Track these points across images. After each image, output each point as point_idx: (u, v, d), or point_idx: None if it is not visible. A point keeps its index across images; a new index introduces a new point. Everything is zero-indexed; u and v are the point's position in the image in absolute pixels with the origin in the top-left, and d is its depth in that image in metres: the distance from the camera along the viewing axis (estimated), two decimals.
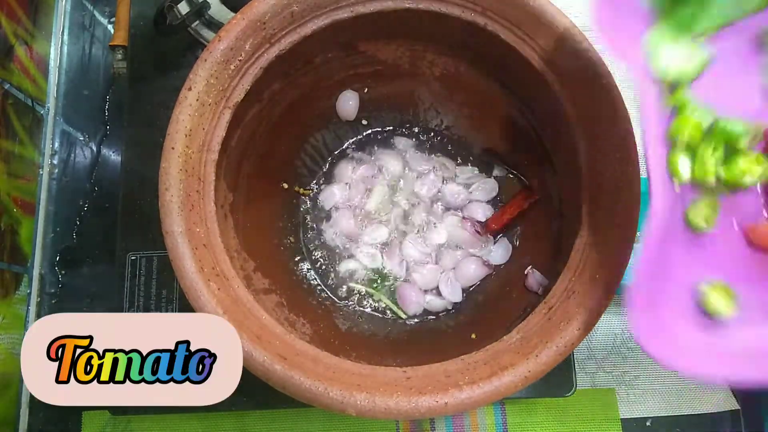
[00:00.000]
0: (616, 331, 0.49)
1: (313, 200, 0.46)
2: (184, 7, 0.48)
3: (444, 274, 0.44)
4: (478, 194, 0.46)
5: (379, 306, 0.44)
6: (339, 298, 0.44)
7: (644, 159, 0.27)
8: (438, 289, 0.44)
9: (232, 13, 0.48)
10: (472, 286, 0.44)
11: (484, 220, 0.45)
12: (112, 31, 0.54)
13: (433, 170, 0.46)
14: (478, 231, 0.44)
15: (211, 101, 0.34)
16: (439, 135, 0.48)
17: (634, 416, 0.48)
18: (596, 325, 0.31)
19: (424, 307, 0.44)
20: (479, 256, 0.44)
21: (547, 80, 0.36)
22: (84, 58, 0.55)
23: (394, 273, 0.44)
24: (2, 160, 0.47)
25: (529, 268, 0.40)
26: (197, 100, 0.33)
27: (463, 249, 0.45)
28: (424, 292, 0.44)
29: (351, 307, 0.44)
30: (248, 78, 0.35)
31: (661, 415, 0.48)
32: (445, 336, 0.42)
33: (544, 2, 0.35)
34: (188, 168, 0.32)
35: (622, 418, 0.48)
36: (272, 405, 0.44)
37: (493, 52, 0.38)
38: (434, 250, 0.45)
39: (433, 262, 0.45)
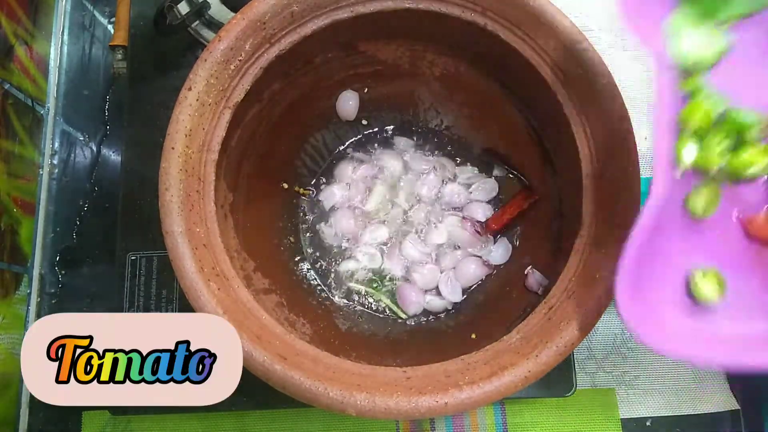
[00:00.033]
0: (616, 331, 0.49)
1: (313, 200, 0.46)
2: (184, 7, 0.48)
3: (444, 274, 0.44)
4: (478, 194, 0.46)
5: (379, 306, 0.44)
6: (339, 298, 0.44)
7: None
8: (438, 289, 0.44)
9: (232, 13, 0.48)
10: (472, 286, 0.44)
11: (484, 220, 0.45)
12: (112, 31, 0.54)
13: (433, 170, 0.46)
14: (478, 231, 0.44)
15: (211, 101, 0.34)
16: (439, 135, 0.48)
17: (634, 416, 0.48)
18: (596, 325, 0.31)
19: (424, 307, 0.44)
20: (479, 256, 0.44)
21: (547, 80, 0.36)
22: (84, 58, 0.55)
23: (394, 273, 0.44)
24: (2, 160, 0.47)
25: (529, 268, 0.40)
26: (197, 100, 0.33)
27: (463, 249, 0.45)
28: (424, 292, 0.44)
29: (351, 307, 0.44)
30: (248, 78, 0.35)
31: (661, 415, 0.48)
32: (445, 336, 0.42)
33: (544, 2, 0.35)
34: (188, 168, 0.32)
35: (622, 418, 0.48)
36: (272, 405, 0.44)
37: (493, 52, 0.38)
38: (434, 250, 0.45)
39: (433, 262, 0.45)
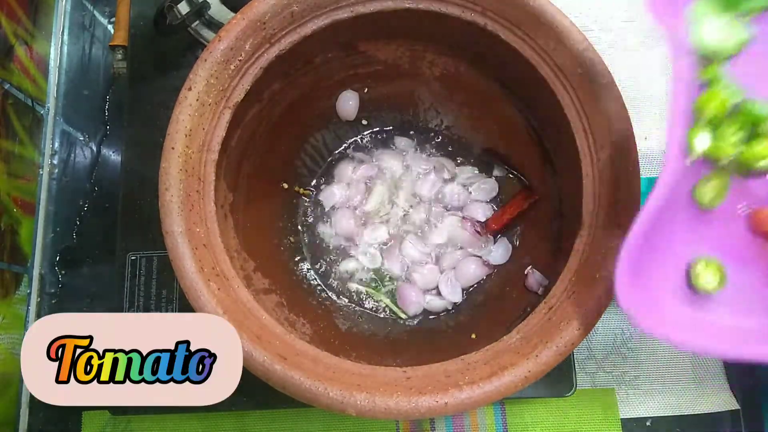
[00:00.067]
0: (616, 331, 0.49)
1: (313, 200, 0.46)
2: (184, 7, 0.48)
3: (444, 274, 0.44)
4: (478, 194, 0.46)
5: (379, 306, 0.44)
6: (339, 298, 0.44)
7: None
8: (438, 289, 0.44)
9: (232, 13, 0.48)
10: (472, 286, 0.44)
11: (484, 220, 0.45)
12: (112, 31, 0.54)
13: (433, 170, 0.46)
14: (478, 231, 0.44)
15: (211, 101, 0.34)
16: (439, 135, 0.48)
17: (634, 416, 0.48)
18: (596, 325, 0.31)
19: (424, 307, 0.44)
20: (479, 256, 0.44)
21: (547, 80, 0.36)
22: (84, 58, 0.55)
23: (394, 273, 0.44)
24: (2, 160, 0.47)
25: (529, 268, 0.40)
26: (197, 100, 0.33)
27: (463, 249, 0.45)
28: (424, 292, 0.44)
29: (351, 307, 0.44)
30: (248, 78, 0.35)
31: (661, 415, 0.48)
32: (445, 336, 0.42)
33: (544, 2, 0.35)
34: (188, 168, 0.32)
35: (622, 418, 0.48)
36: (272, 405, 0.44)
37: (493, 52, 0.38)
38: (434, 250, 0.45)
39: (433, 262, 0.45)
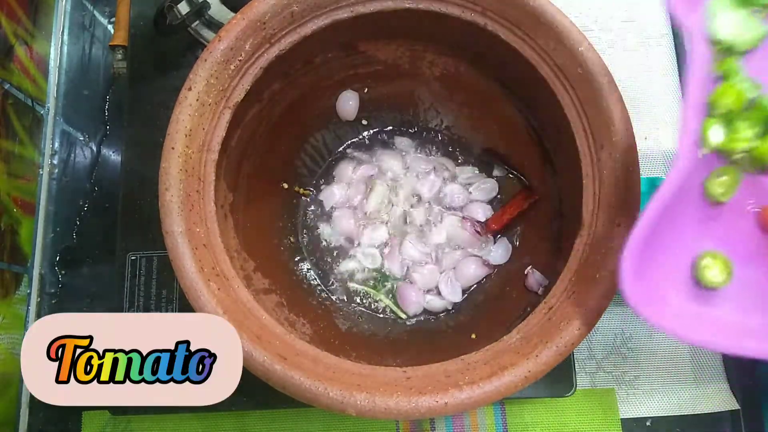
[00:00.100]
0: (616, 331, 0.49)
1: (313, 200, 0.46)
2: (184, 7, 0.48)
3: (444, 274, 0.44)
4: (478, 194, 0.46)
5: (379, 306, 0.44)
6: (339, 298, 0.44)
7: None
8: (438, 289, 0.44)
9: (232, 13, 0.48)
10: (472, 286, 0.44)
11: (484, 220, 0.45)
12: (112, 31, 0.54)
13: (433, 170, 0.46)
14: (478, 231, 0.44)
15: (211, 101, 0.34)
16: (439, 135, 0.48)
17: (634, 416, 0.48)
18: (596, 325, 0.31)
19: (424, 307, 0.44)
20: (479, 256, 0.44)
21: (547, 80, 0.36)
22: (84, 58, 0.55)
23: (394, 273, 0.44)
24: (2, 160, 0.47)
25: (529, 268, 0.40)
26: (197, 100, 0.33)
27: (463, 249, 0.45)
28: (424, 292, 0.44)
29: (351, 307, 0.44)
30: (248, 78, 0.35)
31: (661, 415, 0.48)
32: (445, 336, 0.42)
33: (544, 2, 0.35)
34: (188, 168, 0.32)
35: (622, 418, 0.48)
36: (272, 405, 0.44)
37: (493, 52, 0.38)
38: (434, 250, 0.45)
39: (433, 263, 0.45)
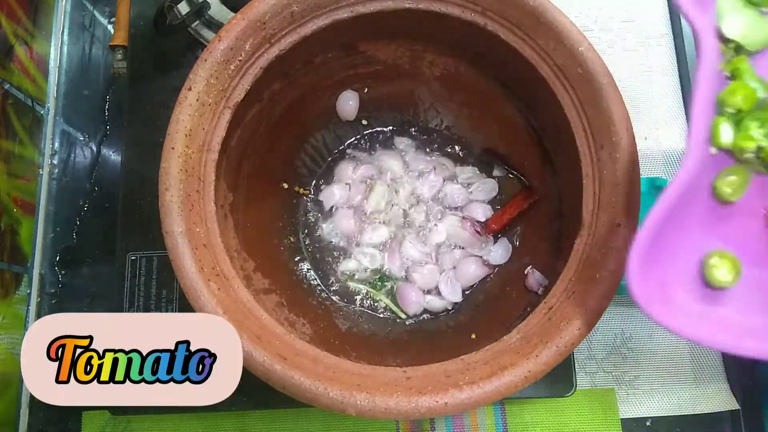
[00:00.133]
0: (616, 331, 0.49)
1: (313, 200, 0.46)
2: (184, 7, 0.48)
3: (444, 274, 0.44)
4: (478, 194, 0.46)
5: (379, 306, 0.44)
6: (339, 298, 0.44)
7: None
8: (438, 289, 0.44)
9: (232, 13, 0.48)
10: (472, 286, 0.44)
11: (484, 220, 0.45)
12: (112, 31, 0.54)
13: (433, 170, 0.46)
14: (478, 231, 0.44)
15: (211, 101, 0.34)
16: (439, 135, 0.48)
17: (634, 416, 0.48)
18: (596, 325, 0.31)
19: (424, 307, 0.44)
20: (479, 256, 0.44)
21: (547, 80, 0.36)
22: (84, 58, 0.55)
23: (394, 273, 0.44)
24: (2, 160, 0.47)
25: (529, 268, 0.40)
26: (197, 100, 0.33)
27: (463, 249, 0.45)
28: (424, 292, 0.44)
29: (351, 307, 0.44)
30: (248, 78, 0.35)
31: (661, 415, 0.48)
32: (445, 336, 0.42)
33: (544, 2, 0.35)
34: (188, 168, 0.32)
35: (622, 418, 0.48)
36: (272, 405, 0.44)
37: (493, 52, 0.38)
38: (434, 250, 0.45)
39: (433, 262, 0.45)
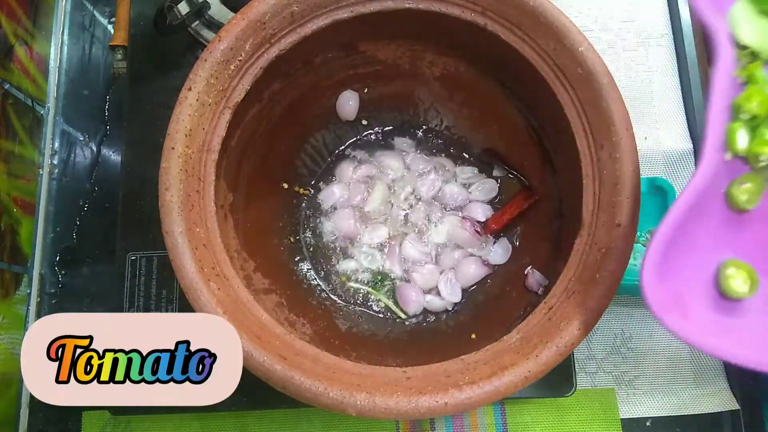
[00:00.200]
0: (616, 331, 0.49)
1: (313, 200, 0.46)
2: (184, 7, 0.48)
3: (444, 274, 0.44)
4: (478, 194, 0.46)
5: (379, 306, 0.44)
6: (339, 298, 0.44)
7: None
8: (438, 289, 0.44)
9: (232, 13, 0.48)
10: (472, 286, 0.44)
11: (484, 220, 0.45)
12: (112, 31, 0.54)
13: (433, 170, 0.46)
14: (478, 231, 0.44)
15: (211, 101, 0.34)
16: (439, 135, 0.48)
17: (634, 416, 0.48)
18: (596, 325, 0.31)
19: (424, 307, 0.44)
20: (479, 256, 0.44)
21: (547, 80, 0.36)
22: (84, 58, 0.55)
23: (393, 273, 0.44)
24: (2, 160, 0.47)
25: (529, 268, 0.40)
26: (197, 100, 0.33)
27: (463, 249, 0.45)
28: (424, 292, 0.44)
29: (351, 307, 0.44)
30: (248, 78, 0.35)
31: (661, 415, 0.48)
32: (445, 336, 0.42)
33: (544, 2, 0.35)
34: (188, 168, 0.32)
35: (622, 418, 0.48)
36: (272, 405, 0.44)
37: (493, 52, 0.38)
38: (434, 250, 0.45)
39: (433, 262, 0.45)
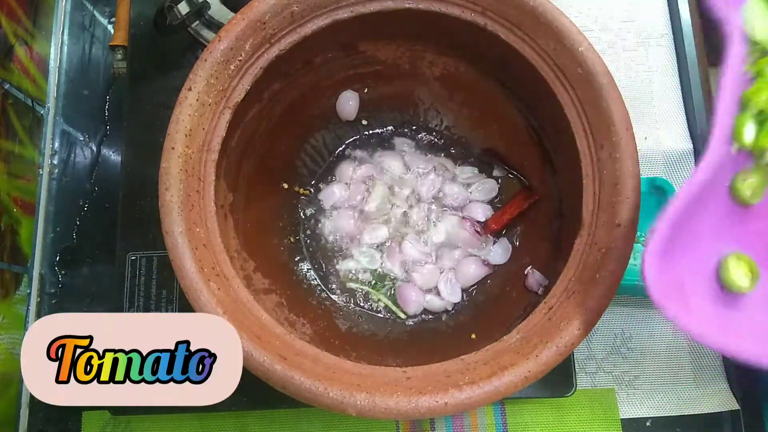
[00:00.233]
0: (616, 331, 0.49)
1: (313, 200, 0.46)
2: (184, 7, 0.48)
3: (443, 274, 0.44)
4: (478, 194, 0.46)
5: (379, 306, 0.44)
6: (339, 298, 0.44)
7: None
8: (438, 289, 0.44)
9: (232, 13, 0.48)
10: (472, 286, 0.44)
11: (484, 220, 0.45)
12: (112, 31, 0.54)
13: (433, 170, 0.46)
14: (478, 231, 0.44)
15: (211, 101, 0.34)
16: (439, 135, 0.48)
17: (634, 416, 0.48)
18: (596, 325, 0.31)
19: (423, 307, 0.44)
20: (479, 256, 0.44)
21: (547, 80, 0.36)
22: (84, 58, 0.55)
23: (393, 273, 0.44)
24: (2, 160, 0.47)
25: (529, 268, 0.40)
26: (197, 100, 0.33)
27: (463, 249, 0.45)
28: (423, 292, 0.44)
29: (351, 307, 0.44)
30: (248, 78, 0.35)
31: (661, 415, 0.48)
32: (445, 336, 0.42)
33: (544, 2, 0.35)
34: (188, 168, 0.32)
35: (622, 418, 0.48)
36: (272, 405, 0.44)
37: (493, 52, 0.38)
38: (434, 250, 0.45)
39: (433, 262, 0.45)
